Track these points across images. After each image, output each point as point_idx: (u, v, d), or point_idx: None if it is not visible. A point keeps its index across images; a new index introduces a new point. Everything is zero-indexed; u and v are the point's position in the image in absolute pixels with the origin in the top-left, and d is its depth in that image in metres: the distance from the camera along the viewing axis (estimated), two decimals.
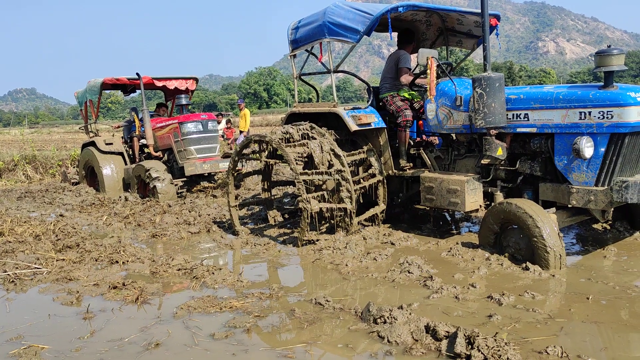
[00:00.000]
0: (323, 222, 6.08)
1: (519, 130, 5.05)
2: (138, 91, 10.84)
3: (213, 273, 4.80)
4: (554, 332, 3.33)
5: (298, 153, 5.78)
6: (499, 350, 2.90)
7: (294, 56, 6.80)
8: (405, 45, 6.57)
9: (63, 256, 5.59)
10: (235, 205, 6.59)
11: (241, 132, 15.56)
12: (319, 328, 3.58)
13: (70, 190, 10.69)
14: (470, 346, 3.00)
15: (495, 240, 4.92)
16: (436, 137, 6.18)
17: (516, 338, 3.24)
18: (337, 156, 5.74)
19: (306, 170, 5.71)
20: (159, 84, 10.68)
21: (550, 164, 4.99)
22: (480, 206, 5.43)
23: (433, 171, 5.88)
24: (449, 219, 6.95)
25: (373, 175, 6.20)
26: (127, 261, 5.36)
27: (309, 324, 3.65)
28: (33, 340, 3.60)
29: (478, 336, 3.01)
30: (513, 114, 5.04)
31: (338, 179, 5.65)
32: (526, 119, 4.96)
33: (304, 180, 5.56)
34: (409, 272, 4.57)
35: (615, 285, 4.04)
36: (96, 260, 5.46)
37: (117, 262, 5.34)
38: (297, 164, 5.76)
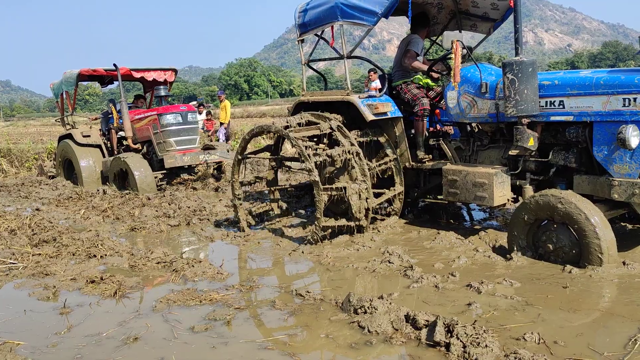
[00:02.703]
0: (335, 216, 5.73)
1: (552, 118, 4.72)
2: (116, 82, 10.66)
3: (193, 266, 4.76)
4: (531, 319, 3.38)
5: (331, 195, 5.36)
6: (477, 338, 2.93)
7: (302, 41, 6.35)
8: (419, 29, 6.24)
9: (39, 251, 5.49)
10: (242, 159, 6.08)
11: (221, 123, 15.42)
12: (300, 319, 3.58)
13: (46, 184, 10.48)
14: (449, 334, 3.03)
15: (528, 236, 4.52)
16: (450, 127, 5.88)
17: (494, 325, 3.27)
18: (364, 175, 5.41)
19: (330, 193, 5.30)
20: (137, 75, 10.52)
21: (586, 154, 4.68)
22: (508, 200, 5.10)
23: (455, 163, 5.54)
24: (465, 213, 6.67)
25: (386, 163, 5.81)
26: (105, 255, 5.28)
27: (290, 315, 3.64)
28: (8, 336, 3.52)
29: (457, 324, 3.04)
30: (546, 102, 4.71)
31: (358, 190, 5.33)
32: (561, 106, 4.63)
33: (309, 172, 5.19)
34: (390, 262, 4.59)
35: (592, 274, 4.09)
36: (73, 255, 5.37)
37: (95, 256, 5.26)
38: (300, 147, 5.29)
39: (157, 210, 7.38)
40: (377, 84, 12.23)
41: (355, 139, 5.62)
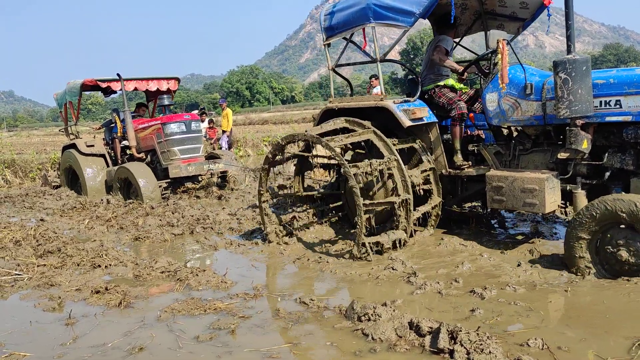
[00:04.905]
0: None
1: (608, 119, 4.49)
2: (119, 92, 10.73)
3: (197, 275, 4.78)
4: (535, 324, 3.38)
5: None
6: (481, 345, 2.93)
7: (329, 45, 6.10)
8: (447, 31, 6.01)
9: (44, 261, 5.52)
10: (266, 168, 5.79)
11: (224, 131, 15.49)
12: (304, 327, 3.59)
13: (50, 194, 10.55)
14: (453, 341, 3.03)
15: (604, 227, 4.12)
16: (482, 131, 5.72)
17: (498, 331, 3.28)
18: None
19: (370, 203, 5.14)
20: (140, 84, 10.57)
21: None
22: (559, 206, 4.85)
23: (498, 169, 5.23)
24: (493, 220, 6.44)
25: (423, 171, 5.54)
26: (110, 265, 5.30)
27: (294, 323, 3.66)
28: (14, 348, 3.55)
29: (461, 331, 3.04)
30: (600, 101, 4.48)
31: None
32: (618, 106, 4.41)
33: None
34: (393, 269, 4.59)
35: (591, 278, 4.09)
36: (78, 265, 5.40)
37: (99, 266, 5.29)
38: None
39: (160, 220, 7.41)
40: (378, 89, 12.30)
41: (394, 144, 5.40)
